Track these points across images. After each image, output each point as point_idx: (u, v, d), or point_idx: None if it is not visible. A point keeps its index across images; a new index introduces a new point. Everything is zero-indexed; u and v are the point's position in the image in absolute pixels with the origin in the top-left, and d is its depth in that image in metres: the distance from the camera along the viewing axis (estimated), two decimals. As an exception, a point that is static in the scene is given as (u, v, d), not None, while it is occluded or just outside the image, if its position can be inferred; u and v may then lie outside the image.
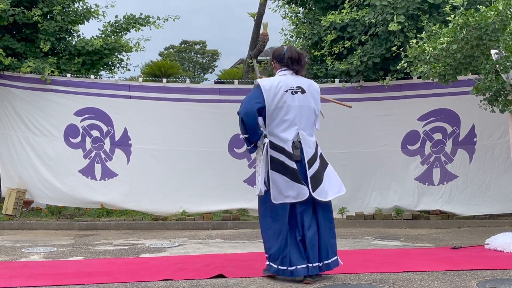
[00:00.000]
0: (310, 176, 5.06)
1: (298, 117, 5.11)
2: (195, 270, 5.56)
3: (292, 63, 5.23)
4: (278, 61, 5.31)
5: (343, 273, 5.34)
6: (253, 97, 5.11)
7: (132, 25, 11.39)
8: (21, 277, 5.33)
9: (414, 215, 9.63)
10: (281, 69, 5.29)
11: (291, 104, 5.09)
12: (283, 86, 5.11)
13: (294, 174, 5.00)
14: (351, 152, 9.95)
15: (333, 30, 10.03)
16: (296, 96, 5.12)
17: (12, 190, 9.92)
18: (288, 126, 5.09)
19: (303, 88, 5.19)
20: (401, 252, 6.72)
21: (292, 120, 5.09)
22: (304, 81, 5.29)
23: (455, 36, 7.06)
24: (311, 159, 5.13)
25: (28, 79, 10.23)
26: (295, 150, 5.05)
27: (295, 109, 5.10)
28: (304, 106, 5.15)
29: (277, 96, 5.06)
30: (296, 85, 5.17)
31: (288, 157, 5.03)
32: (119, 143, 10.22)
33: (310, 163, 5.11)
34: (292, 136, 5.08)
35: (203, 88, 10.37)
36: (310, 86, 5.28)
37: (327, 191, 5.15)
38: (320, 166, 5.21)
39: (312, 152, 5.15)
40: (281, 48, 5.37)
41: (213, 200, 9.73)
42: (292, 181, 5.00)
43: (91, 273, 5.51)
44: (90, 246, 7.54)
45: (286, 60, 5.23)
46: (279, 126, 5.09)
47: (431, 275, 5.23)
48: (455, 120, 9.78)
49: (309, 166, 5.09)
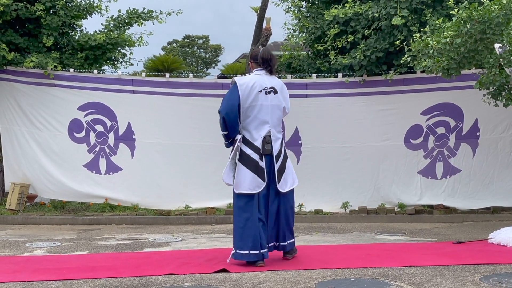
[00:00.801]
0: (277, 169, 5.59)
1: (270, 115, 5.62)
2: (198, 264, 5.56)
3: (264, 63, 5.74)
4: (254, 61, 5.82)
5: (346, 267, 5.34)
6: (232, 96, 5.57)
7: (135, 19, 11.37)
8: (24, 271, 5.34)
9: (417, 210, 9.61)
10: (256, 68, 5.80)
11: (264, 104, 5.59)
12: (258, 86, 5.60)
13: (257, 168, 5.51)
14: (354, 147, 9.94)
15: (336, 24, 10.00)
16: (269, 96, 5.63)
17: (15, 185, 9.94)
18: (261, 123, 5.59)
19: (275, 89, 5.69)
20: (404, 247, 6.71)
21: (264, 118, 5.59)
22: (277, 82, 5.79)
23: (459, 30, 7.03)
24: (278, 154, 5.64)
25: (31, 74, 10.23)
26: (266, 144, 5.56)
27: (268, 108, 5.61)
28: (276, 106, 5.67)
29: (251, 96, 5.56)
30: (270, 86, 5.66)
31: (255, 151, 5.54)
32: (123, 138, 10.23)
33: (277, 157, 5.62)
34: (264, 132, 5.58)
35: (206, 83, 10.37)
36: (282, 87, 5.79)
37: (287, 183, 5.67)
38: (284, 159, 5.71)
39: (279, 148, 5.65)
40: (258, 49, 5.94)
41: (217, 194, 9.71)
42: (253, 173, 5.49)
43: (94, 267, 5.51)
44: (93, 240, 7.55)
45: (259, 59, 5.76)
46: (252, 123, 5.59)
47: (434, 270, 5.22)
48: (459, 114, 9.76)
49: (277, 160, 5.60)
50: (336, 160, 9.99)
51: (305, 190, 9.81)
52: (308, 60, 11.05)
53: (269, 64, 5.75)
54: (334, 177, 9.98)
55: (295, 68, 11.28)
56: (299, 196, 9.66)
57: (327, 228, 8.63)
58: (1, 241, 7.51)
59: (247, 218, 5.47)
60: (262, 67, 5.76)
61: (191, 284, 4.81)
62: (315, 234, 7.99)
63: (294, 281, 4.83)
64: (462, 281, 4.75)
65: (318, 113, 9.97)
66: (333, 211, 9.78)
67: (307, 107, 9.96)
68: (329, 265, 5.46)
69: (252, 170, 5.50)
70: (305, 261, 5.69)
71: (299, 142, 10.01)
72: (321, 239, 7.46)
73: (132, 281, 4.92)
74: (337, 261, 5.68)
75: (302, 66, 11.11)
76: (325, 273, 5.12)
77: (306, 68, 10.90)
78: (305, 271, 5.23)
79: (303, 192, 9.81)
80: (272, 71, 5.79)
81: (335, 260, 5.74)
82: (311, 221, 9.36)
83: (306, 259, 5.81)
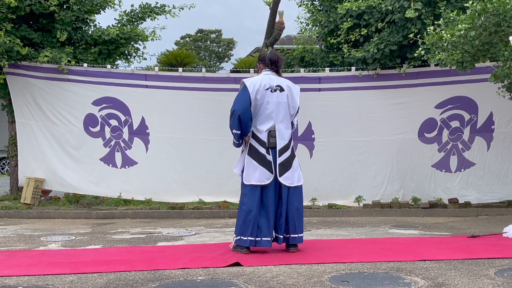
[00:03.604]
0: (279, 162, 5.86)
1: (276, 111, 5.92)
2: (211, 258, 5.58)
3: (271, 64, 6.08)
4: (262, 62, 6.17)
5: (359, 261, 5.33)
6: (245, 96, 5.89)
7: (147, 14, 11.38)
8: (39, 265, 5.38)
9: (431, 204, 9.57)
10: (264, 69, 6.13)
11: (270, 101, 5.92)
12: (265, 84, 5.94)
13: (263, 160, 5.85)
14: (368, 140, 9.90)
15: (349, 18, 9.95)
16: (275, 93, 5.95)
17: (30, 180, 10.01)
18: (266, 118, 5.91)
19: (281, 87, 5.99)
20: (418, 241, 6.68)
21: (269, 114, 5.91)
22: (284, 81, 6.08)
23: (473, 22, 6.97)
24: (283, 148, 5.92)
25: (45, 69, 10.29)
26: (271, 138, 5.88)
27: (273, 105, 5.92)
28: (282, 103, 5.96)
29: (259, 94, 5.90)
30: (275, 84, 5.98)
31: (261, 144, 5.89)
32: (137, 132, 10.27)
33: (281, 151, 5.90)
34: (268, 127, 5.90)
35: (219, 77, 10.37)
36: (289, 86, 6.07)
37: (292, 178, 5.91)
38: (290, 156, 5.97)
39: (284, 143, 5.94)
40: (265, 52, 6.32)
41: (230, 188, 9.70)
42: (261, 166, 5.83)
43: (108, 261, 5.55)
44: (107, 234, 7.59)
45: (267, 61, 6.09)
46: (259, 119, 5.93)
47: (448, 264, 5.20)
48: (473, 107, 9.70)
49: (280, 154, 5.88)
50: (350, 154, 9.96)
51: (318, 184, 9.83)
52: (321, 54, 11.01)
53: (276, 65, 6.09)
54: (347, 171, 9.96)
55: (308, 62, 11.25)
56: (312, 190, 9.74)
57: (341, 222, 8.61)
58: (16, 235, 7.57)
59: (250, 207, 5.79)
60: (270, 68, 6.08)
61: (204, 277, 4.82)
62: (328, 228, 7.99)
63: (308, 275, 4.83)
64: (477, 275, 4.72)
65: (331, 107, 9.94)
66: (346, 205, 9.76)
67: (320, 101, 9.94)
68: (343, 259, 5.46)
69: (260, 163, 5.84)
70: (318, 255, 5.69)
71: (312, 137, 9.99)
72: (335, 233, 7.45)
73: (146, 275, 4.94)
74: (351, 255, 5.67)
75: (315, 60, 11.08)
76: (339, 267, 5.12)
77: (319, 62, 10.86)
78: (318, 265, 5.23)
79: (316, 186, 9.83)
80: (279, 71, 6.13)
81: (349, 254, 5.74)
82: (325, 215, 9.35)
83: (320, 253, 5.81)
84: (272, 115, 5.91)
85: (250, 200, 5.81)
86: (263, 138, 5.88)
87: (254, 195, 5.81)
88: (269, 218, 5.81)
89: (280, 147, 5.88)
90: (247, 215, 5.78)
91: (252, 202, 5.79)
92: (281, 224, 5.84)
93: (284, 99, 5.96)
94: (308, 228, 7.55)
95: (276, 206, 5.85)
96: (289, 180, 5.87)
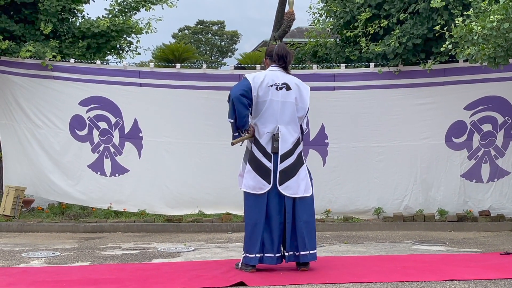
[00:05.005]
0: (280, 169, 5.79)
1: (280, 112, 5.85)
2: (212, 277, 5.58)
3: (279, 60, 5.99)
4: (269, 57, 6.10)
5: (379, 281, 5.33)
6: (244, 83, 5.87)
7: (142, 3, 11.43)
8: (20, 284, 5.39)
9: (460, 216, 9.56)
10: (271, 65, 6.05)
11: (274, 99, 5.85)
12: (269, 80, 5.87)
13: (260, 168, 5.81)
14: (388, 146, 9.91)
15: (367, 8, 9.98)
16: (280, 92, 5.87)
17: (10, 188, 10.01)
18: (268, 119, 5.85)
19: (288, 85, 5.91)
20: (444, 258, 6.68)
21: (272, 115, 5.84)
22: (291, 79, 6.00)
23: (507, 13, 6.98)
24: (286, 154, 5.84)
25: (28, 65, 10.35)
26: (275, 142, 5.80)
27: (277, 104, 5.85)
28: (288, 103, 5.89)
29: (261, 90, 5.83)
30: (282, 82, 5.90)
31: (260, 150, 5.84)
32: (129, 136, 10.30)
33: (284, 157, 5.82)
34: (269, 129, 5.84)
35: (222, 74, 10.40)
36: (298, 84, 5.99)
37: (296, 188, 5.83)
38: (295, 162, 5.88)
39: (288, 148, 5.85)
40: (273, 46, 6.20)
41: (233, 199, 9.70)
42: (257, 174, 5.81)
43: (97, 280, 5.56)
44: (96, 250, 7.61)
45: (274, 55, 6.01)
46: (261, 119, 5.86)
47: (479, 284, 5.20)
48: (507, 109, 9.69)
49: (282, 160, 5.81)
50: (368, 161, 9.96)
51: (332, 195, 9.83)
52: (336, 48, 11.03)
53: (284, 61, 6.00)
54: (365, 180, 9.96)
55: (321, 57, 11.27)
56: (325, 201, 9.75)
57: (358, 237, 8.62)
58: (-5, 250, 7.60)
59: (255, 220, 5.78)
60: (277, 64, 6.00)
61: (204, 299, 4.83)
62: (343, 243, 7.99)
63: (320, 296, 4.84)
64: (511, 298, 4.72)
65: (347, 108, 9.95)
66: (364, 218, 9.76)
67: (335, 101, 9.96)
68: (360, 278, 5.45)
69: (257, 172, 5.82)
70: (332, 274, 5.69)
71: (325, 141, 9.99)
72: (351, 250, 7.45)
73: (139, 296, 4.95)
74: (369, 274, 5.67)
75: (329, 54, 11.10)
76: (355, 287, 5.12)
77: (334, 57, 10.88)
78: (332, 285, 5.23)
79: (330, 197, 9.84)
80: (287, 67, 6.05)
81: (367, 273, 5.73)
82: (340, 229, 9.35)
83: (334, 271, 5.81)
84: (276, 116, 5.84)
85: (254, 212, 5.80)
86: (262, 143, 5.83)
87: (258, 206, 5.79)
88: (272, 232, 5.79)
89: (282, 152, 5.81)
90: (254, 228, 5.76)
91: (257, 214, 5.77)
92: (287, 240, 5.81)
93: (290, 99, 5.88)
94: (321, 244, 7.55)
95: (280, 219, 5.81)
96: (291, 190, 5.80)
